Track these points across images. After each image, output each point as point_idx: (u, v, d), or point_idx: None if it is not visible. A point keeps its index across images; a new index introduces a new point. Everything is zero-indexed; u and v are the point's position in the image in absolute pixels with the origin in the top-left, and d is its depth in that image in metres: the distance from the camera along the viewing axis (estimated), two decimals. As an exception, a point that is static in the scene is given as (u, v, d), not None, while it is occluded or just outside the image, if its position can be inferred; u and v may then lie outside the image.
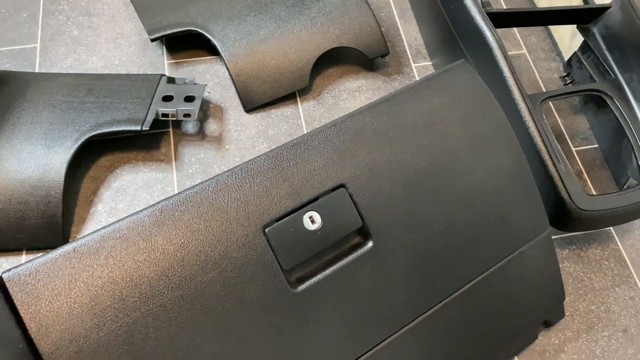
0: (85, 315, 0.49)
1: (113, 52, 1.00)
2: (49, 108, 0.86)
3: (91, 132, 0.83)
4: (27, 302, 0.48)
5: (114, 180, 0.87)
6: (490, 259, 0.66)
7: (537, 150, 0.76)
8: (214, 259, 0.53)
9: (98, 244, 0.51)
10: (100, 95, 0.89)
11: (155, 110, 0.87)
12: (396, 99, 0.64)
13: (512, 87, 0.78)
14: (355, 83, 1.00)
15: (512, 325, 0.71)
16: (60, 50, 1.00)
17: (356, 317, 0.59)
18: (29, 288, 0.48)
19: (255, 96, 0.95)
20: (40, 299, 0.48)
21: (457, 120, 0.65)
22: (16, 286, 0.48)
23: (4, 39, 1.00)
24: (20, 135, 0.83)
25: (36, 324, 0.48)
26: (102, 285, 0.50)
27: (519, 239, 0.68)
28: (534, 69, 1.04)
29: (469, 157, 0.65)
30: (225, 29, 0.96)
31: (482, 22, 0.83)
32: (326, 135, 0.60)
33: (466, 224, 0.64)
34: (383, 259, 0.60)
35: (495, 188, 0.66)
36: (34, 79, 0.90)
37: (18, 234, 0.79)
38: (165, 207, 0.54)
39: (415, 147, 0.63)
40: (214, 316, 0.52)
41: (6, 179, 0.80)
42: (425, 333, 0.63)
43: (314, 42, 0.96)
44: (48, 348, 0.47)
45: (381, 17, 1.08)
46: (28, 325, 0.47)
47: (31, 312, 0.48)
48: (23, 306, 0.48)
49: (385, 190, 0.60)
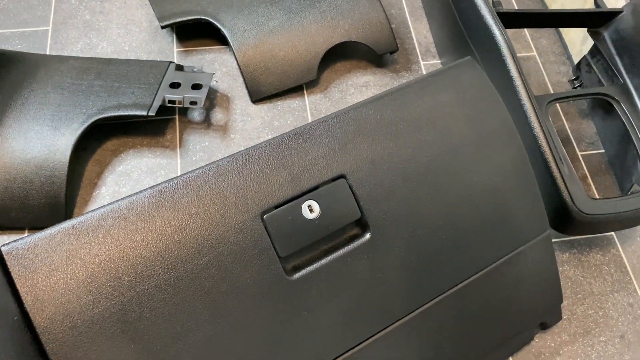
0: (80, 291, 0.49)
1: (123, 37, 1.01)
2: (58, 90, 0.87)
3: (98, 116, 0.84)
4: (24, 275, 0.48)
5: (119, 164, 0.88)
6: (488, 257, 0.66)
7: (541, 151, 0.75)
8: (210, 243, 0.53)
9: (97, 222, 0.52)
10: (108, 79, 0.89)
11: (162, 96, 0.88)
12: (400, 93, 0.64)
13: (518, 87, 0.78)
14: (363, 78, 1.00)
15: (508, 325, 0.70)
16: (72, 34, 1.00)
17: (350, 308, 0.59)
18: (26, 262, 0.49)
19: (263, 87, 0.95)
20: (37, 274, 0.49)
21: (460, 117, 0.65)
22: (14, 259, 0.49)
23: (17, 20, 1.01)
24: (28, 115, 0.84)
25: (32, 297, 0.48)
26: (98, 263, 0.50)
27: (518, 239, 0.68)
28: (543, 71, 1.04)
29: (471, 154, 0.65)
30: (236, 18, 0.96)
31: (492, 21, 0.83)
32: (328, 126, 0.60)
33: (465, 221, 0.64)
34: (380, 251, 0.60)
35: (496, 186, 0.66)
36: (44, 61, 0.91)
37: (22, 213, 0.80)
38: (165, 189, 0.54)
39: (418, 141, 0.63)
40: (209, 299, 0.53)
41: (12, 157, 0.81)
42: (419, 328, 0.63)
43: (323, 35, 0.96)
44: (43, 322, 0.48)
45: (392, 14, 1.08)
46: (24, 298, 0.48)
47: (28, 286, 0.48)
48: (20, 279, 0.48)
49: (385, 183, 0.60)
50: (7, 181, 0.80)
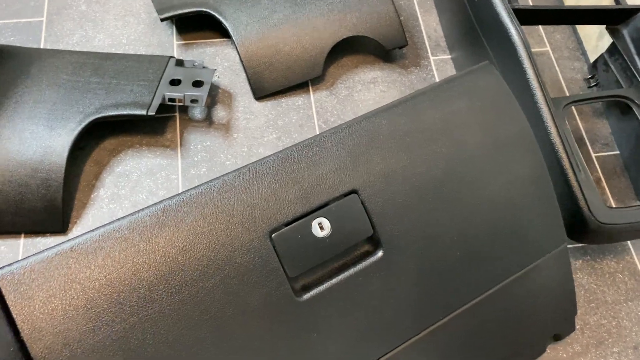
0: (80, 318, 0.47)
1: (121, 30, 0.97)
2: (53, 87, 0.83)
3: (95, 115, 0.81)
4: (20, 303, 0.46)
5: (117, 164, 0.85)
6: (503, 272, 0.64)
7: (558, 157, 0.73)
8: (216, 264, 0.51)
9: (96, 244, 0.49)
10: (106, 75, 0.86)
11: (161, 94, 0.84)
12: (415, 101, 0.61)
13: (535, 89, 0.75)
14: (371, 74, 0.96)
15: (521, 339, 0.68)
16: (67, 25, 0.96)
17: (362, 329, 0.57)
18: (22, 288, 0.46)
19: (266, 83, 0.92)
20: (34, 300, 0.46)
21: (477, 127, 0.62)
22: (9, 286, 0.46)
23: (9, 11, 0.97)
24: (23, 114, 0.80)
25: (29, 326, 0.46)
26: (99, 287, 0.48)
27: (535, 253, 0.65)
28: (556, 67, 1.00)
29: (488, 166, 0.62)
30: (238, 11, 0.92)
31: (507, 18, 0.79)
32: (340, 137, 0.57)
33: (481, 236, 0.62)
34: (393, 269, 0.58)
35: (513, 199, 0.63)
36: (39, 55, 0.87)
37: (17, 217, 0.77)
38: (168, 207, 0.51)
39: (433, 153, 0.60)
40: (215, 324, 0.50)
41: (7, 159, 0.78)
42: (432, 346, 0.61)
43: (329, 29, 0.92)
44: (40, 352, 0.45)
45: (400, 6, 1.04)
46: (20, 327, 0.45)
47: (24, 314, 0.46)
48: (16, 307, 0.46)
49: (398, 198, 0.58)
50: (1, 184, 0.77)
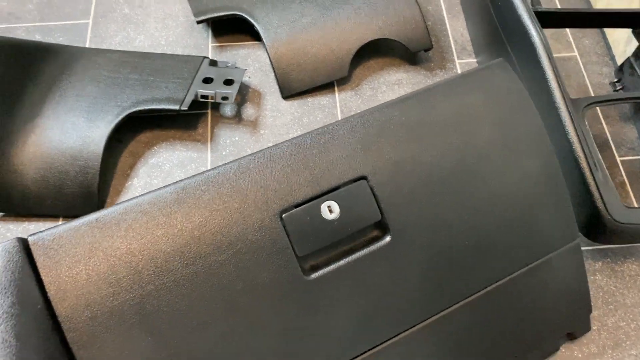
0: (101, 283, 0.51)
1: (160, 32, 1.03)
2: (94, 82, 0.90)
3: (132, 109, 0.86)
4: (48, 265, 0.50)
5: (151, 156, 0.90)
6: (513, 264, 0.65)
7: (575, 156, 0.73)
8: (229, 240, 0.54)
9: (120, 216, 0.53)
10: (144, 73, 0.91)
11: (194, 91, 0.89)
12: (428, 94, 0.63)
13: (554, 89, 0.75)
14: (396, 76, 0.99)
15: (532, 335, 0.69)
16: (111, 27, 1.03)
17: (367, 311, 0.59)
18: (51, 252, 0.51)
19: (294, 83, 0.95)
20: (60, 264, 0.50)
21: (489, 121, 0.64)
22: (40, 250, 0.51)
23: (59, 14, 1.04)
24: (65, 106, 0.87)
25: (55, 287, 0.50)
26: (120, 256, 0.51)
27: (545, 247, 0.66)
28: (584, 72, 1.00)
29: (499, 160, 0.63)
30: (269, 15, 0.97)
31: (529, 20, 0.80)
32: (352, 126, 0.60)
33: (490, 227, 0.63)
34: (400, 255, 0.59)
35: (523, 193, 0.64)
36: (83, 53, 0.94)
37: (56, 201, 0.83)
38: (187, 185, 0.55)
39: (443, 145, 0.62)
40: (225, 296, 0.53)
41: (49, 147, 0.84)
42: (437, 334, 0.62)
43: (356, 32, 0.95)
44: (64, 311, 0.49)
45: (428, 11, 1.07)
46: (47, 288, 0.50)
47: (51, 276, 0.50)
48: (44, 269, 0.50)
49: (407, 186, 0.60)
50: (43, 170, 0.83)
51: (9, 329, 0.46)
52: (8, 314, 0.47)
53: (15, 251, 0.50)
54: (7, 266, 0.49)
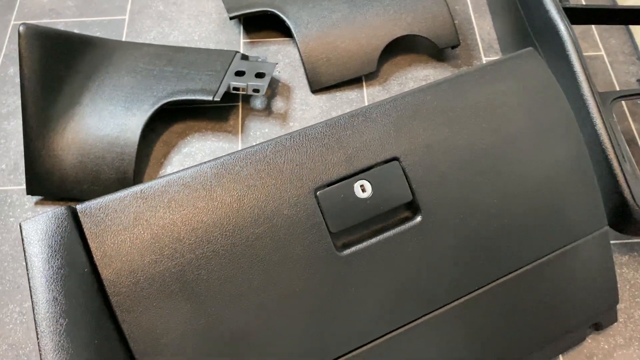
0: (145, 250, 0.53)
1: (194, 27, 1.06)
2: (131, 74, 0.93)
3: (167, 99, 0.89)
4: (95, 232, 0.53)
5: (184, 146, 0.92)
6: (541, 249, 0.65)
7: (603, 147, 0.74)
8: (266, 214, 0.56)
9: (163, 188, 0.55)
10: (178, 65, 0.94)
11: (227, 83, 0.92)
12: (459, 80, 0.65)
13: (581, 82, 0.77)
14: (423, 72, 1.00)
15: (559, 322, 0.69)
16: (146, 23, 1.06)
17: (397, 289, 0.60)
18: (98, 220, 0.53)
19: (323, 77, 0.97)
20: (106, 231, 0.53)
21: (519, 107, 0.65)
22: (87, 217, 0.53)
23: (98, 9, 1.08)
24: (104, 95, 0.90)
25: (101, 252, 0.52)
26: (162, 225, 0.54)
27: (574, 233, 0.66)
28: (610, 71, 1.01)
29: (528, 144, 0.64)
30: (300, 11, 0.99)
31: (557, 16, 0.82)
32: (385, 109, 0.62)
33: (519, 211, 0.64)
34: (430, 235, 0.61)
35: (552, 178, 0.65)
36: (120, 46, 0.97)
37: (93, 186, 0.86)
38: (227, 161, 0.57)
39: (474, 128, 0.63)
40: (262, 267, 0.55)
41: (87, 134, 0.87)
42: (465, 316, 0.63)
43: (385, 28, 0.97)
44: (109, 276, 0.52)
45: (455, 10, 1.08)
46: (94, 253, 0.52)
47: (98, 242, 0.52)
48: (91, 235, 0.52)
49: (439, 168, 0.61)
50: (81, 156, 0.86)
51: (59, 288, 0.49)
52: (58, 274, 0.49)
53: (64, 217, 0.52)
54: (57, 231, 0.52)
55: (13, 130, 0.94)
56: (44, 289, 0.49)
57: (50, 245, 0.51)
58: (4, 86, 0.99)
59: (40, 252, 0.51)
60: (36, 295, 0.49)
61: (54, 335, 0.47)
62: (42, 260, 0.50)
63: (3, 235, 0.84)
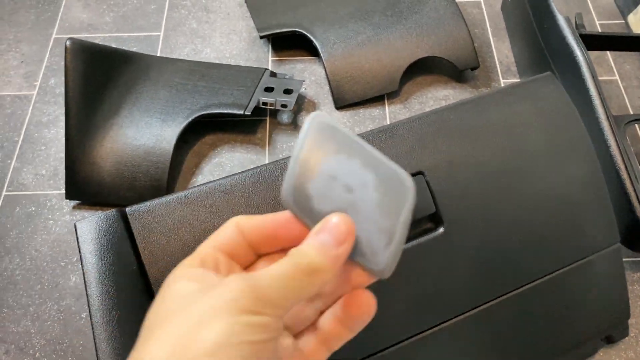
0: (188, 251, 0.56)
1: (225, 45, 1.11)
2: (167, 88, 0.98)
3: (200, 112, 0.94)
4: (142, 233, 0.57)
5: (214, 156, 0.97)
6: (557, 262, 0.69)
7: (616, 168, 0.78)
8: (299, 221, 0.60)
9: (205, 194, 0.60)
10: (211, 81, 0.99)
11: (257, 98, 0.96)
12: (480, 101, 0.69)
13: (596, 105, 0.81)
14: (443, 92, 1.05)
15: (571, 333, 0.72)
16: (180, 39, 1.12)
17: (418, 297, 0.64)
18: (145, 222, 0.57)
19: (347, 95, 1.02)
20: (153, 233, 0.57)
21: (537, 127, 0.69)
22: (135, 219, 0.58)
23: (134, 26, 1.14)
24: (141, 107, 0.95)
25: (148, 252, 0.56)
26: (204, 228, 0.58)
27: (587, 248, 0.70)
28: (624, 95, 1.05)
29: (545, 163, 0.68)
30: (327, 32, 1.04)
31: (574, 42, 0.86)
32: (410, 126, 0.66)
33: (535, 225, 0.67)
34: (451, 246, 0.65)
35: (568, 196, 0.69)
36: (156, 61, 1.03)
37: (129, 193, 0.90)
38: (263, 170, 0.62)
39: (495, 147, 0.67)
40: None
41: (124, 143, 0.92)
42: (480, 325, 0.67)
43: (407, 50, 1.02)
44: (156, 274, 0.56)
45: (475, 34, 1.13)
46: (142, 252, 0.56)
47: (145, 242, 0.57)
48: (139, 236, 0.57)
49: (461, 183, 0.65)
50: (118, 163, 0.91)
51: (111, 283, 0.53)
52: (110, 270, 0.54)
53: (115, 219, 0.57)
54: (109, 230, 0.56)
55: (53, 137, 0.99)
56: (97, 283, 0.53)
57: (103, 244, 0.55)
58: (45, 96, 1.04)
59: (94, 249, 0.55)
60: (90, 289, 0.53)
61: (107, 326, 0.51)
62: (95, 257, 0.55)
63: (42, 237, 0.89)
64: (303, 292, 0.35)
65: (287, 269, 0.35)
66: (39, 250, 0.87)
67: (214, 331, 0.30)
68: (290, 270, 0.35)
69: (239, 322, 0.31)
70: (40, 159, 0.97)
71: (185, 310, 0.32)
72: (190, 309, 0.32)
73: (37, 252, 0.87)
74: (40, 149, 0.98)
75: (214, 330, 0.30)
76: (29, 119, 1.02)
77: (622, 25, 1.15)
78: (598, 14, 1.16)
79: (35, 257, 0.87)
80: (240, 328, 0.31)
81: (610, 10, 1.17)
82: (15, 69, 1.08)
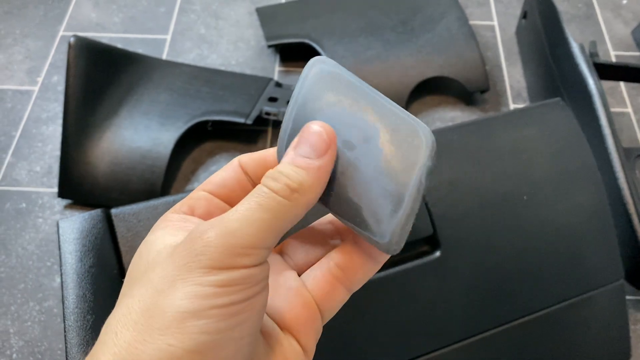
0: (171, 258, 0.55)
1: (232, 53, 1.10)
2: (169, 91, 0.96)
3: (200, 117, 0.92)
4: (126, 236, 0.55)
5: (212, 164, 0.95)
6: (557, 295, 0.66)
7: (624, 202, 0.75)
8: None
9: (193, 201, 0.57)
10: (214, 87, 0.98)
11: (260, 108, 0.95)
12: (487, 123, 0.67)
13: (607, 136, 0.78)
14: (451, 114, 1.03)
15: (569, 371, 0.69)
16: (187, 44, 1.11)
17: (409, 322, 0.61)
18: (130, 225, 0.55)
19: (353, 110, 1.00)
20: (137, 236, 0.55)
21: (543, 153, 0.67)
22: (120, 221, 0.55)
23: (142, 27, 1.13)
24: (140, 109, 0.93)
25: (130, 256, 0.54)
26: (190, 236, 0.56)
27: (589, 283, 0.67)
28: (636, 128, 1.02)
29: (550, 192, 0.66)
30: (336, 45, 1.03)
31: (587, 70, 0.84)
32: (413, 144, 0.64)
33: (538, 255, 0.65)
34: (447, 271, 0.62)
35: (572, 227, 0.66)
36: (161, 64, 1.01)
37: (121, 195, 0.88)
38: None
39: (498, 170, 0.65)
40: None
41: (121, 145, 0.90)
42: (475, 355, 0.64)
43: (416, 68, 1.00)
44: (136, 280, 0.54)
45: (487, 57, 1.11)
46: (123, 256, 0.54)
47: (128, 246, 0.54)
48: (122, 239, 0.55)
49: (461, 206, 0.63)
50: (113, 165, 0.89)
51: (89, 286, 0.51)
52: (89, 273, 0.51)
53: (99, 219, 0.55)
54: (92, 231, 0.54)
55: (50, 135, 0.98)
56: (75, 285, 0.51)
57: (84, 245, 0.53)
58: (46, 93, 1.03)
59: (74, 249, 0.53)
60: (67, 291, 0.51)
61: (80, 330, 0.48)
62: (75, 257, 0.52)
63: (31, 235, 0.87)
64: (284, 222, 0.28)
65: (260, 199, 0.28)
66: (25, 249, 0.85)
67: (177, 300, 0.25)
68: (264, 199, 0.28)
69: (206, 282, 0.25)
70: (35, 156, 0.95)
71: (149, 274, 0.27)
72: (154, 273, 0.27)
73: (24, 250, 0.85)
74: (37, 145, 0.96)
75: (176, 298, 0.25)
76: (28, 114, 1.00)
77: (637, 57, 1.13)
78: (614, 44, 1.14)
79: (21, 255, 0.85)
80: (209, 290, 0.25)
81: (627, 41, 1.15)
82: (19, 63, 1.07)
